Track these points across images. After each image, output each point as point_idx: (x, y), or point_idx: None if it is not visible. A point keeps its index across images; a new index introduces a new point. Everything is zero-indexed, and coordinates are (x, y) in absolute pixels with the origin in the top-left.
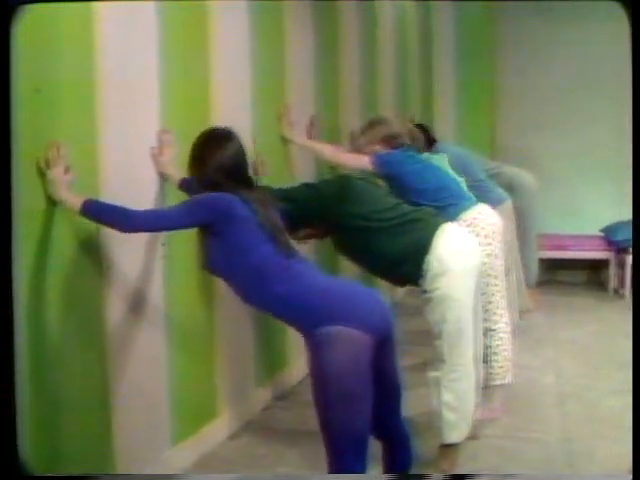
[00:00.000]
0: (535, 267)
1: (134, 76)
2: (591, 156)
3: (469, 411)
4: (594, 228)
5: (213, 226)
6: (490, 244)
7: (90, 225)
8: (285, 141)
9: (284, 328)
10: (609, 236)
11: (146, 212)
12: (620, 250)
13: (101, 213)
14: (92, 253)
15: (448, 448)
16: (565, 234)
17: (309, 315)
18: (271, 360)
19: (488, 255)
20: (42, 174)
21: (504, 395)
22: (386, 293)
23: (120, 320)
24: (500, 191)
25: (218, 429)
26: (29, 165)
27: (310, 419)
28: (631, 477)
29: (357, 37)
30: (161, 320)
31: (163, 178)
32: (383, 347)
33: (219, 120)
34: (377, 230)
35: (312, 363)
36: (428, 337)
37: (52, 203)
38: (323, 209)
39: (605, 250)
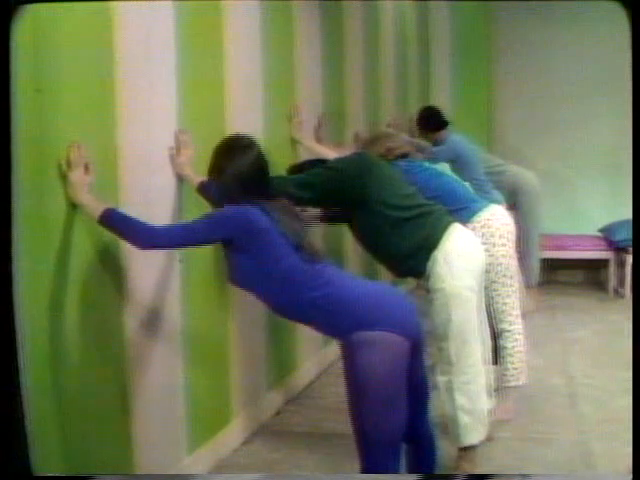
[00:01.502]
0: (537, 267)
1: (150, 77)
2: (589, 156)
3: (483, 411)
4: (593, 228)
5: (236, 241)
6: (505, 245)
7: (108, 233)
8: (294, 141)
9: (294, 331)
10: (608, 236)
11: (165, 229)
12: (619, 250)
13: (120, 225)
14: (110, 262)
15: (467, 450)
16: (564, 234)
17: (346, 320)
18: (281, 364)
19: (503, 256)
20: (53, 178)
21: (517, 396)
22: None
23: (137, 328)
24: (497, 193)
25: (232, 435)
26: (34, 168)
27: (323, 422)
28: (631, 477)
29: (361, 39)
30: (178, 325)
31: (180, 179)
32: (414, 350)
33: (233, 119)
34: (394, 220)
35: (351, 368)
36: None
37: (67, 210)
38: (344, 189)
39: (604, 250)
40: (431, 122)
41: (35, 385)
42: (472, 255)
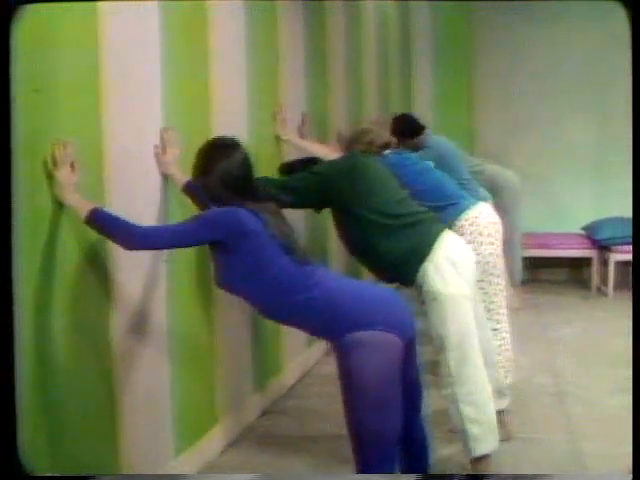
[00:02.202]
0: (520, 266)
1: (137, 75)
2: (572, 154)
3: (492, 419)
4: (576, 226)
5: (225, 243)
6: (492, 243)
7: (94, 236)
8: (278, 138)
9: (277, 333)
10: (591, 234)
11: (154, 229)
12: (602, 248)
13: (107, 225)
14: (96, 264)
15: (480, 460)
16: (547, 232)
17: (338, 321)
18: (265, 365)
19: (490, 254)
20: (45, 177)
21: None
22: None
23: (123, 332)
24: (483, 191)
25: (218, 438)
26: (31, 168)
27: (308, 424)
28: (631, 477)
29: (343, 39)
30: (164, 328)
31: (166, 178)
32: (407, 349)
33: (217, 117)
34: (383, 228)
35: (345, 369)
36: None
37: (55, 210)
38: (331, 195)
39: (587, 248)
40: (408, 128)
41: (23, 386)
42: (463, 262)
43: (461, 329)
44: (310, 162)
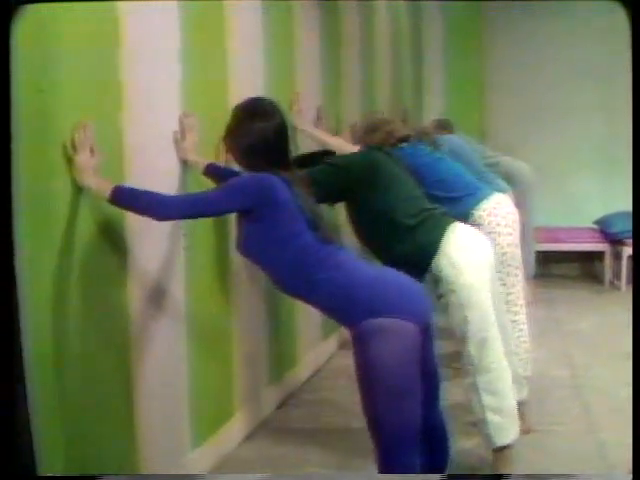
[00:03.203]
0: (533, 260)
1: (157, 64)
2: (582, 148)
3: (513, 408)
4: (588, 220)
5: (253, 210)
6: (511, 234)
7: (112, 219)
8: (294, 128)
9: (294, 327)
10: (603, 228)
11: (182, 198)
12: (615, 242)
13: (134, 200)
14: (114, 246)
15: (502, 451)
16: (559, 227)
17: (358, 305)
18: (281, 358)
19: (509, 245)
20: (59, 164)
21: None
22: None
23: (142, 321)
24: (501, 182)
25: (235, 430)
26: (45, 152)
27: (323, 416)
28: (631, 477)
29: (357, 35)
30: (181, 319)
31: (185, 164)
32: (424, 337)
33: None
34: (396, 225)
35: (362, 357)
36: None
37: (72, 197)
38: (349, 188)
39: (599, 242)
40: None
41: (38, 380)
42: (477, 249)
43: (480, 317)
44: (324, 155)
